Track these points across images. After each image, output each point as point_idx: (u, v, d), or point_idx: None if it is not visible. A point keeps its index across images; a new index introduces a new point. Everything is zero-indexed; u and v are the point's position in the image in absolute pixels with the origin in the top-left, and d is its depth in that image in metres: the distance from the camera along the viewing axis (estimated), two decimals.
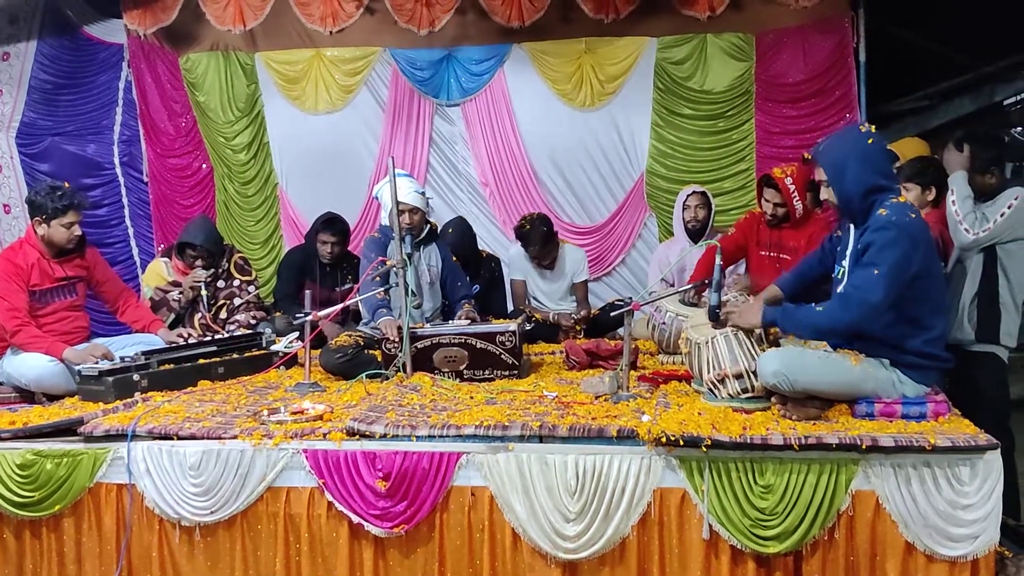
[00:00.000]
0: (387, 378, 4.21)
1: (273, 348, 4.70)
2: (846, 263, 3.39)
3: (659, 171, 6.42)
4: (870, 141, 3.31)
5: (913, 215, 3.22)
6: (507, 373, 4.23)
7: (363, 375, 4.16)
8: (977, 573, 3.02)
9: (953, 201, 3.91)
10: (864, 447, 3.01)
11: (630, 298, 4.28)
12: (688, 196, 5.60)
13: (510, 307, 5.79)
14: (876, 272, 3.14)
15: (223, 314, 5.33)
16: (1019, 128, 4.31)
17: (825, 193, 3.44)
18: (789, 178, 4.80)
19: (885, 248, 3.15)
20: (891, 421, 3.25)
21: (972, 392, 3.88)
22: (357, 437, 3.36)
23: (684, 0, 6.14)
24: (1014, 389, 4.72)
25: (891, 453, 3.02)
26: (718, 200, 6.22)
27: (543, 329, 5.40)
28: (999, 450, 3.01)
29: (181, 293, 5.26)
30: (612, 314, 5.24)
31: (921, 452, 3.00)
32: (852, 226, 3.42)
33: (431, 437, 3.30)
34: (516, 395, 3.85)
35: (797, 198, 4.81)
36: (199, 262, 5.31)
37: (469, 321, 4.45)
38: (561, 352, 4.81)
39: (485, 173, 6.62)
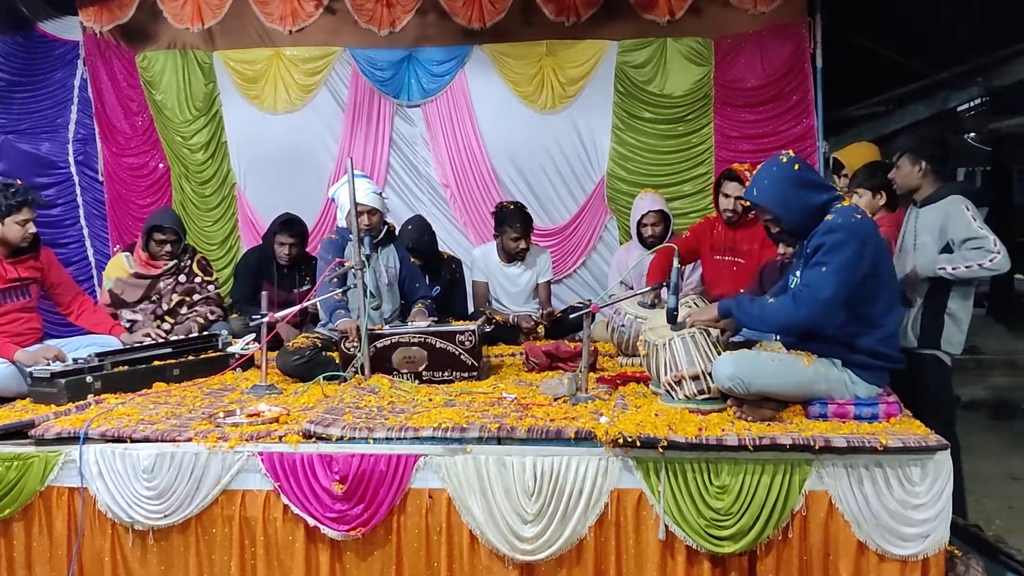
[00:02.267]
0: (345, 380, 4.19)
1: (229, 350, 4.65)
2: (799, 272, 3.46)
3: (620, 174, 6.44)
4: (796, 167, 3.37)
5: (859, 215, 3.30)
6: (466, 374, 4.22)
7: (320, 377, 4.13)
8: (927, 572, 3.07)
9: (980, 228, 3.89)
10: (817, 448, 3.06)
11: (590, 300, 4.30)
12: (644, 215, 5.64)
13: (471, 308, 5.79)
14: (824, 270, 3.20)
15: (183, 309, 5.26)
16: (972, 134, 4.41)
17: (774, 227, 3.52)
18: (749, 173, 4.86)
19: (833, 249, 3.21)
20: (844, 422, 3.31)
21: (918, 393, 3.97)
22: (314, 440, 3.33)
23: (644, 4, 6.17)
24: (966, 391, 4.83)
25: (844, 454, 3.07)
26: (678, 204, 6.27)
27: (503, 331, 5.41)
28: (949, 450, 3.07)
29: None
30: (572, 316, 5.27)
31: (873, 453, 3.05)
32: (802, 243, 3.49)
33: (389, 439, 3.28)
34: (475, 397, 3.84)
35: None
36: (167, 248, 5.22)
37: (429, 323, 4.43)
38: (521, 354, 4.81)
39: (446, 174, 6.60)
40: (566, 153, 6.51)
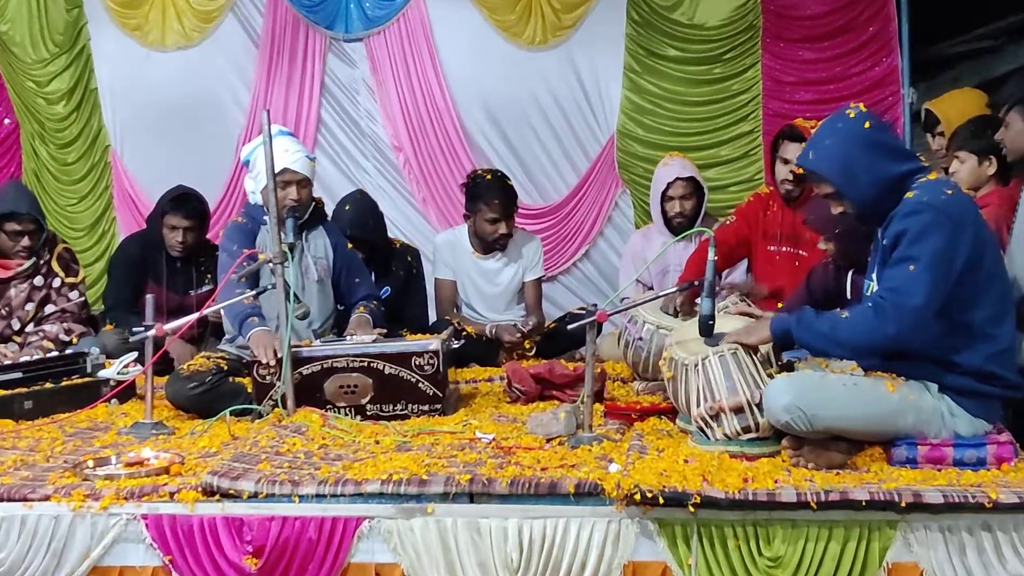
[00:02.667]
0: (260, 416, 4.17)
1: (102, 374, 4.61)
2: (875, 271, 3.46)
3: (634, 132, 6.46)
4: (867, 125, 3.37)
5: (950, 191, 3.31)
6: (427, 408, 4.21)
7: (226, 412, 4.11)
8: None
9: None
10: (904, 505, 3.05)
11: (595, 306, 4.30)
12: (670, 184, 5.63)
13: (432, 317, 5.79)
14: (912, 268, 3.21)
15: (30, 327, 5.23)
16: None
17: (838, 207, 3.51)
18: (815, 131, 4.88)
19: (921, 236, 3.22)
20: (939, 469, 3.30)
21: None
22: (217, 498, 3.30)
23: None
24: None
25: (940, 512, 3.07)
26: (713, 173, 6.30)
27: (477, 347, 5.40)
28: None
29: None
30: (571, 327, 5.25)
31: (979, 511, 3.05)
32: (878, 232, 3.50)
33: (321, 497, 3.26)
34: (439, 438, 3.83)
35: None
36: (24, 241, 5.17)
37: (375, 337, 4.42)
38: (501, 379, 4.80)
39: (398, 134, 6.61)
40: (562, 105, 6.54)
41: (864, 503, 3.06)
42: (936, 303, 3.23)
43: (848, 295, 4.16)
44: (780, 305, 4.58)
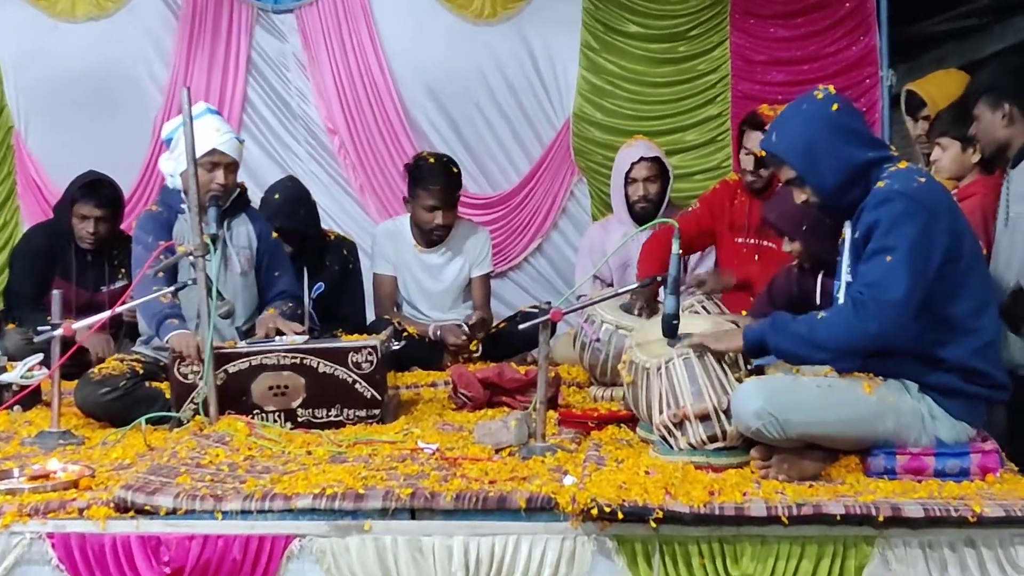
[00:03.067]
0: (180, 424, 4.14)
1: (3, 378, 4.56)
2: (845, 267, 3.49)
3: (592, 116, 6.48)
4: (835, 107, 3.43)
5: (922, 179, 3.37)
6: (364, 414, 4.21)
7: (142, 419, 4.08)
8: None
9: None
10: (882, 519, 3.08)
11: (548, 303, 4.28)
12: (634, 165, 5.68)
13: (371, 316, 5.78)
14: (889, 259, 3.25)
15: None
16: None
17: (800, 195, 3.56)
18: None
19: (896, 225, 3.26)
20: (920, 481, 3.34)
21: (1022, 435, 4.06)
22: (132, 514, 3.28)
23: None
24: None
25: (920, 527, 3.10)
26: (678, 160, 6.32)
27: (419, 349, 5.39)
28: None
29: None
30: (522, 327, 5.25)
31: (963, 526, 3.08)
32: (848, 225, 3.54)
33: (246, 513, 3.24)
34: (377, 448, 3.83)
35: None
36: None
37: (306, 337, 4.40)
38: (446, 383, 4.80)
39: (332, 115, 6.60)
40: (513, 84, 6.54)
41: (839, 517, 3.08)
42: (917, 295, 3.27)
43: (818, 300, 4.20)
44: (747, 309, 4.60)
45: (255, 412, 4.17)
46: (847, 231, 3.53)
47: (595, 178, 6.48)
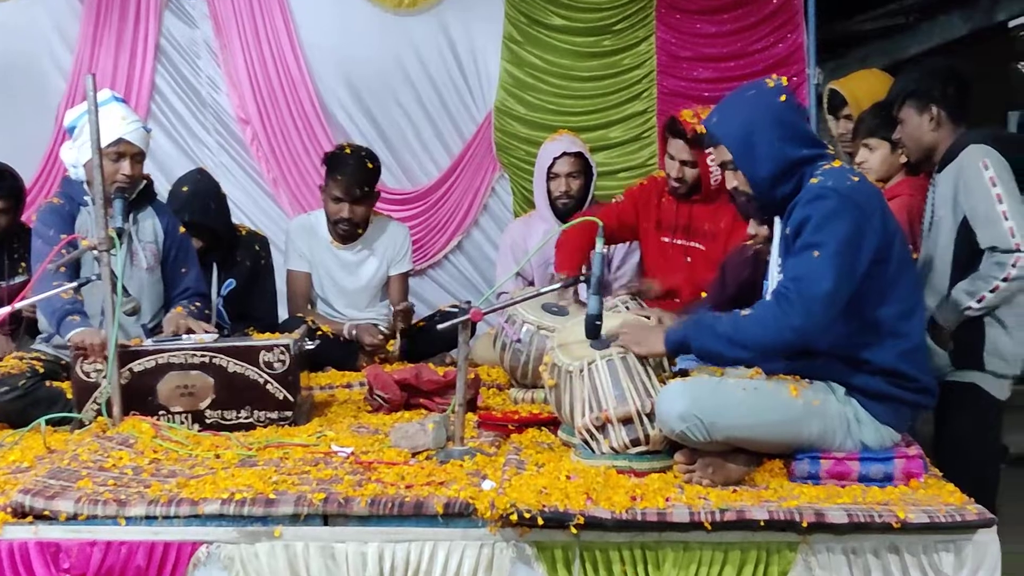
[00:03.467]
0: (81, 426, 4.10)
1: None
2: (775, 265, 3.53)
3: (514, 110, 6.49)
4: (782, 99, 3.49)
5: (856, 178, 3.42)
6: (275, 416, 4.19)
7: (42, 420, 4.02)
8: None
9: (999, 204, 4.03)
10: (805, 524, 3.11)
11: (468, 303, 4.29)
12: (557, 159, 5.70)
13: (283, 314, 5.74)
14: (817, 255, 3.29)
15: None
16: None
17: (731, 180, 3.61)
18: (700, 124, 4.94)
19: (826, 222, 3.30)
20: (844, 486, 3.38)
21: (946, 440, 4.10)
22: (30, 520, 3.25)
23: None
24: (1013, 438, 5.00)
25: (844, 533, 3.13)
26: (602, 156, 6.35)
27: (334, 349, 5.37)
28: (995, 528, 3.17)
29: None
30: (441, 327, 5.24)
31: (886, 532, 3.12)
32: (778, 220, 3.60)
33: (151, 519, 3.22)
34: (289, 452, 3.81)
35: (713, 156, 4.96)
36: None
37: (215, 335, 4.35)
38: (361, 385, 4.79)
39: (245, 104, 6.55)
40: (433, 76, 6.54)
41: (762, 523, 3.12)
42: (844, 292, 3.30)
43: None
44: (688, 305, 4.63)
45: (161, 413, 4.13)
46: (777, 227, 3.57)
47: (517, 174, 6.49)
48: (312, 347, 4.52)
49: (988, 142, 4.15)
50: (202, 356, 4.16)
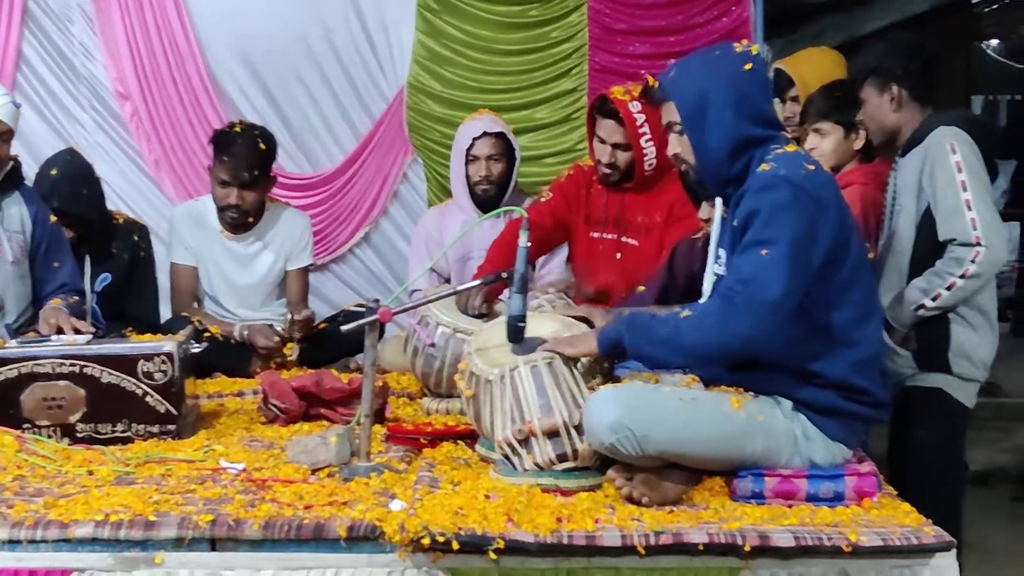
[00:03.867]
0: None
1: None
2: (713, 255, 3.54)
3: (429, 87, 6.50)
4: (748, 67, 3.49)
5: (811, 166, 3.42)
6: (157, 430, 4.14)
7: None
8: None
9: (968, 202, 4.08)
10: (748, 548, 3.12)
11: (376, 301, 4.26)
12: (476, 140, 5.71)
13: (166, 313, 5.71)
14: (766, 253, 3.29)
15: None
16: (995, 41, 4.54)
17: (675, 145, 3.61)
18: (637, 103, 4.97)
19: (777, 216, 3.30)
20: (790, 506, 3.40)
21: (907, 454, 4.17)
22: None
23: None
24: (976, 453, 5.09)
25: (790, 557, 3.15)
26: (527, 140, 6.37)
27: (224, 353, 5.35)
28: (954, 552, 3.21)
29: None
30: (345, 328, 5.23)
31: (836, 555, 3.14)
32: (719, 202, 3.62)
33: (15, 543, 3.17)
34: (172, 468, 3.78)
35: (648, 138, 4.98)
36: None
37: (88, 337, 4.30)
38: (255, 392, 4.77)
39: (124, 77, 6.52)
40: (338, 50, 6.55)
41: (701, 547, 3.13)
42: (795, 295, 3.31)
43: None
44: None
45: (25, 427, 4.08)
46: (718, 210, 3.57)
47: (431, 158, 6.50)
48: (199, 350, 4.48)
49: (959, 124, 4.20)
50: (71, 365, 4.08)
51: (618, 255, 5.20)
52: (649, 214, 5.14)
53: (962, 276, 4.04)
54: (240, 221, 5.53)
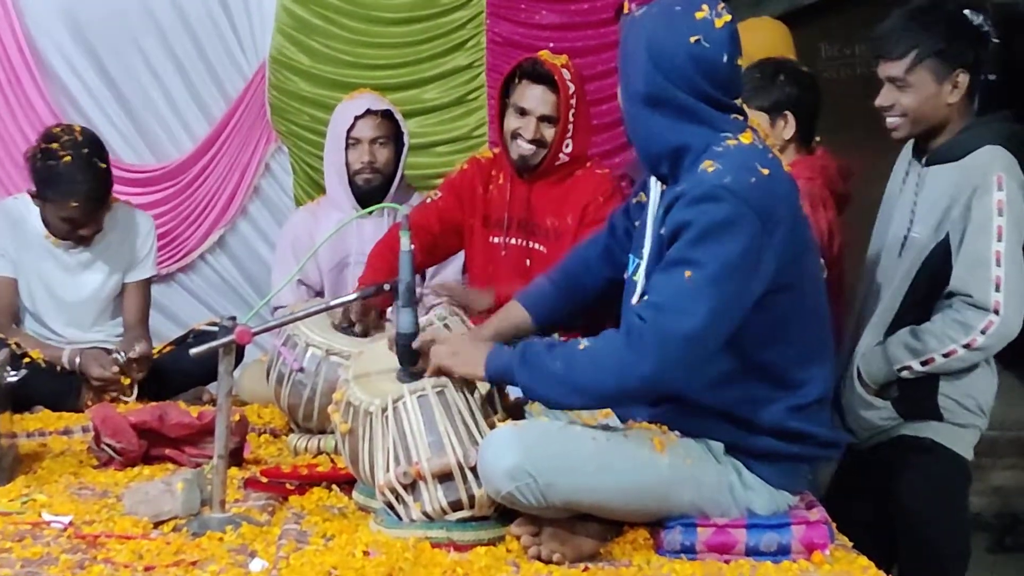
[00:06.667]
0: None
1: None
2: (645, 252, 3.54)
3: (297, 61, 6.53)
4: (697, 39, 3.38)
5: (765, 170, 3.32)
6: None
7: None
8: None
9: (998, 255, 3.99)
10: None
11: (233, 319, 4.21)
12: (358, 120, 5.71)
13: None
14: (690, 276, 3.22)
15: None
16: (966, 11, 4.58)
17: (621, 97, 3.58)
18: (567, 71, 5.04)
19: (710, 234, 3.22)
20: (727, 561, 3.41)
21: (894, 520, 4.22)
22: None
23: None
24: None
25: None
26: (415, 124, 6.42)
27: (48, 382, 5.29)
28: None
29: None
30: (194, 352, 5.20)
31: None
32: (655, 182, 3.58)
33: None
34: None
35: (573, 126, 5.04)
36: None
37: None
38: (85, 430, 4.74)
39: None
40: (187, 18, 6.57)
41: None
42: (719, 332, 3.26)
43: None
44: None
45: None
46: (654, 203, 3.54)
47: (300, 146, 6.53)
48: (16, 379, 4.43)
49: (1007, 144, 4.11)
50: None
51: (527, 262, 5.20)
52: (560, 216, 5.14)
53: (966, 346, 4.00)
54: (92, 240, 5.52)
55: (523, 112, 5.08)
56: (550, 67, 5.00)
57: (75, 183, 5.33)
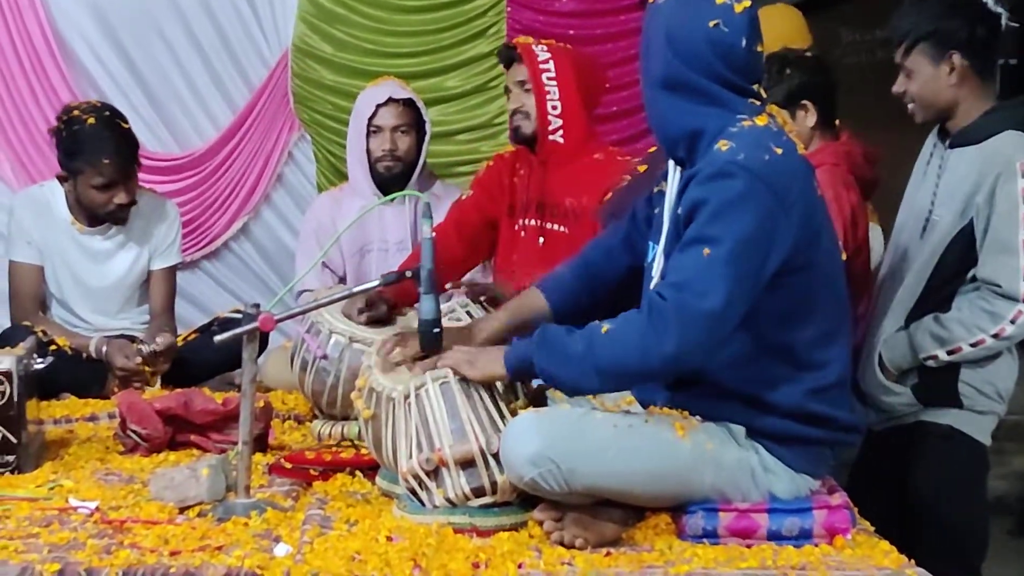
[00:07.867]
0: None
1: None
2: (663, 235, 3.54)
3: (319, 50, 6.52)
4: (716, 23, 3.39)
5: (778, 149, 3.33)
6: None
7: None
8: None
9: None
10: None
11: (257, 306, 4.21)
12: (380, 108, 5.70)
13: (4, 322, 5.67)
14: (709, 254, 3.23)
15: None
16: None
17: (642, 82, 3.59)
18: (543, 47, 5.05)
19: (725, 211, 3.24)
20: (749, 545, 3.40)
21: (911, 506, 4.20)
22: None
23: None
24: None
25: None
26: (436, 113, 6.39)
27: (74, 369, 5.30)
28: None
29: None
30: (219, 339, 5.19)
31: None
32: (673, 167, 3.57)
33: None
34: (11, 508, 3.73)
35: (552, 76, 5.01)
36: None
37: None
38: (112, 417, 4.74)
39: None
40: (211, 7, 6.55)
41: None
42: (739, 307, 3.26)
43: None
44: None
45: None
46: (674, 187, 3.52)
47: (322, 134, 6.54)
48: (43, 366, 4.43)
49: None
50: None
51: (540, 240, 5.18)
52: (577, 196, 5.12)
53: (995, 336, 3.99)
54: (127, 217, 5.53)
55: (507, 90, 5.13)
56: (515, 44, 5.11)
57: (103, 140, 5.35)
